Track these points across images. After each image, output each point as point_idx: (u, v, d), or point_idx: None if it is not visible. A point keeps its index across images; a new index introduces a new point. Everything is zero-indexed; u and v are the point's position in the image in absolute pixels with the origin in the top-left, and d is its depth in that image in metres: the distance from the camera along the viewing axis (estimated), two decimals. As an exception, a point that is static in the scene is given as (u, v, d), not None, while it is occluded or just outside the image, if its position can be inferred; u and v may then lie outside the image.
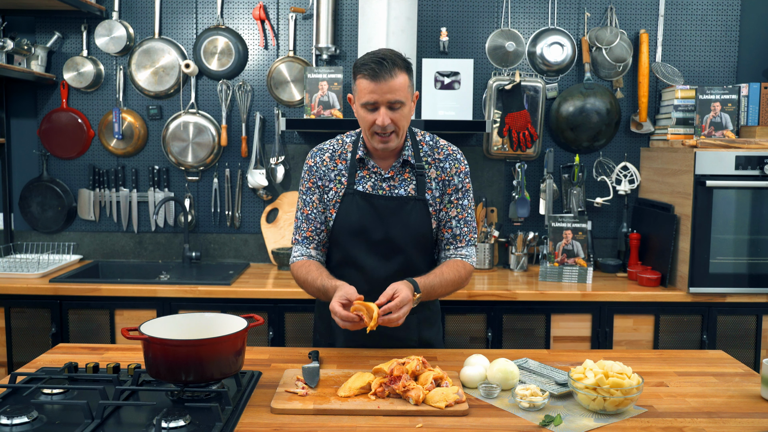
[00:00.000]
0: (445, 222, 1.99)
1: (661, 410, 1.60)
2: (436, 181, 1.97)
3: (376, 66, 1.78)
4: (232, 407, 1.54)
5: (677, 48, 3.39)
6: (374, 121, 1.83)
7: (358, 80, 1.84)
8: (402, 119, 1.85)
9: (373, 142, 1.89)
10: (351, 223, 1.94)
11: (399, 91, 1.81)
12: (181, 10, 3.36)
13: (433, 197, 1.97)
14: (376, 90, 1.80)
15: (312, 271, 1.93)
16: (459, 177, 1.99)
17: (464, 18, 3.37)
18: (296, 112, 3.38)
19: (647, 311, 2.90)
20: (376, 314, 1.69)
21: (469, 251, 2.01)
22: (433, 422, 1.51)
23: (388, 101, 1.81)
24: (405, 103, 1.84)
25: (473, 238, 2.02)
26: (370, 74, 1.79)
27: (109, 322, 2.89)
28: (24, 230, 3.46)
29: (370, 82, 1.79)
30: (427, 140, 2.00)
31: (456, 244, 2.00)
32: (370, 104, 1.82)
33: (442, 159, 1.98)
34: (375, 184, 1.95)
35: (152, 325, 1.65)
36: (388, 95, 1.80)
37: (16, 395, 1.61)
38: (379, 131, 1.85)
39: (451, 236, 2.00)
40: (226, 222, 3.45)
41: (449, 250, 2.01)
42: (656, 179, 3.21)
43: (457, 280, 1.95)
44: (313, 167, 2.00)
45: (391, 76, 1.79)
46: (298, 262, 2.00)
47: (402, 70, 1.82)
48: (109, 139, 3.38)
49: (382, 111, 1.82)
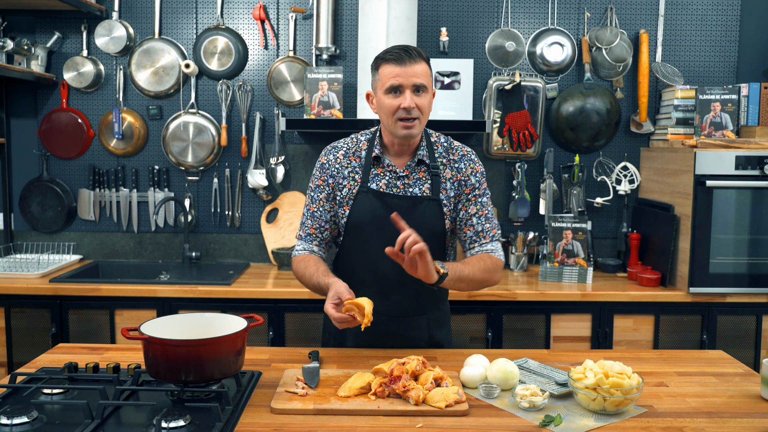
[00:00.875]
0: (465, 220, 1.98)
1: (661, 410, 1.60)
2: (450, 181, 1.97)
3: (401, 51, 1.84)
4: (232, 407, 1.54)
5: (677, 48, 3.40)
6: (399, 105, 1.84)
7: (381, 68, 1.87)
8: (425, 105, 1.87)
9: (396, 130, 1.88)
10: (364, 220, 1.94)
11: (423, 75, 1.85)
12: (181, 10, 3.36)
13: (448, 197, 1.97)
14: (401, 73, 1.83)
15: (310, 266, 1.94)
16: (476, 177, 1.99)
17: (464, 18, 3.37)
18: (296, 112, 3.38)
19: (647, 311, 2.90)
20: (368, 310, 1.69)
21: (494, 246, 1.99)
22: (433, 422, 1.51)
23: (413, 84, 1.84)
24: (428, 89, 1.87)
25: (497, 234, 2.00)
26: (395, 59, 1.84)
27: (109, 322, 2.89)
28: (24, 230, 3.46)
29: (396, 65, 1.84)
30: (441, 141, 2.01)
31: (480, 241, 1.99)
32: (394, 87, 1.84)
33: (457, 160, 1.99)
34: (389, 182, 1.95)
35: (152, 325, 1.65)
36: (413, 78, 1.83)
37: (16, 395, 1.61)
38: (403, 116, 1.85)
39: (474, 234, 1.98)
40: (226, 222, 3.45)
41: (474, 248, 1.99)
42: (656, 179, 3.21)
43: (485, 270, 1.92)
44: (325, 164, 2.01)
45: (416, 61, 1.84)
46: (299, 256, 2.02)
47: (424, 60, 1.88)
48: (109, 139, 3.38)
49: (407, 94, 1.84)
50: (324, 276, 1.87)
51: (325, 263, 1.96)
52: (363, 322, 1.69)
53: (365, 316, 1.68)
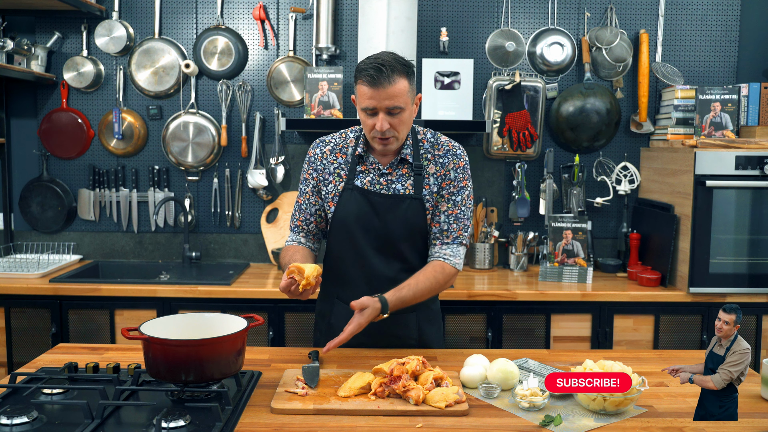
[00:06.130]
0: (434, 216, 1.98)
1: (661, 410, 1.60)
2: (434, 176, 1.98)
3: (375, 72, 1.80)
4: (232, 407, 1.54)
5: (677, 48, 3.39)
6: (374, 125, 1.86)
7: (358, 85, 1.87)
8: (401, 125, 1.87)
9: (373, 144, 1.94)
10: (349, 217, 1.97)
11: (398, 97, 1.82)
12: (181, 10, 3.36)
13: (431, 193, 1.97)
14: (374, 96, 1.82)
15: (286, 256, 2.01)
16: (456, 171, 1.98)
17: (464, 18, 3.37)
18: (296, 112, 3.38)
19: (647, 311, 2.90)
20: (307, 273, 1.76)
21: (453, 250, 1.97)
22: (433, 422, 1.51)
23: (386, 107, 1.83)
24: (404, 108, 1.86)
25: (462, 236, 1.99)
26: (368, 81, 1.81)
27: (109, 322, 2.89)
28: (24, 230, 3.46)
29: (369, 88, 1.82)
30: (428, 137, 2.02)
31: (442, 240, 1.98)
32: (369, 109, 1.85)
33: (442, 155, 1.99)
34: (373, 179, 1.97)
35: (152, 325, 1.65)
36: (386, 101, 1.82)
37: (16, 395, 1.61)
38: (378, 136, 1.88)
39: (438, 231, 1.98)
40: (226, 222, 3.45)
41: (435, 246, 1.99)
42: (656, 179, 3.21)
43: (434, 287, 1.93)
44: (312, 158, 2.05)
45: (390, 82, 1.80)
46: (285, 246, 2.08)
47: (402, 75, 1.83)
48: (109, 139, 3.38)
49: (380, 116, 1.84)
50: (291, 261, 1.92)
51: (304, 253, 2.01)
52: (302, 283, 1.76)
53: (305, 277, 1.76)
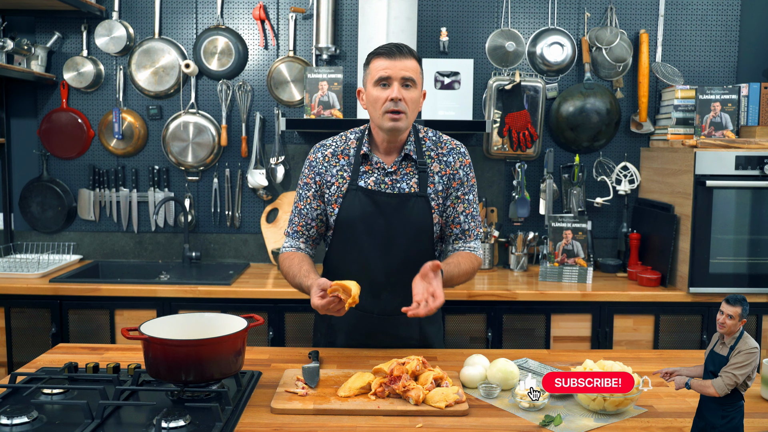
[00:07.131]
0: (453, 218, 2.03)
1: (661, 410, 1.60)
2: (439, 175, 1.99)
3: (392, 47, 1.90)
4: (232, 407, 1.54)
5: (677, 48, 3.39)
6: (387, 97, 1.87)
7: (372, 63, 1.91)
8: (412, 101, 1.90)
9: (383, 122, 1.90)
10: (353, 218, 1.96)
11: (412, 70, 1.89)
12: (181, 10, 3.36)
13: (436, 191, 1.98)
14: (390, 66, 1.87)
15: (293, 265, 1.97)
16: (464, 170, 2.02)
17: (464, 18, 3.37)
18: (296, 112, 3.38)
19: (647, 311, 2.90)
20: (354, 291, 1.69)
21: (476, 244, 2.06)
22: (433, 422, 1.51)
23: (402, 77, 1.87)
24: (416, 84, 1.90)
25: (480, 232, 2.08)
26: (386, 53, 1.89)
27: (109, 322, 2.89)
28: (24, 230, 3.46)
29: (386, 59, 1.88)
30: (430, 136, 2.03)
31: (465, 239, 2.05)
32: (383, 79, 1.87)
33: (446, 153, 2.00)
34: (378, 179, 1.97)
35: (152, 325, 1.65)
36: (402, 71, 1.87)
37: (16, 395, 1.61)
38: (391, 108, 1.87)
39: (460, 231, 2.04)
40: (226, 222, 3.45)
41: (458, 244, 2.05)
42: (656, 179, 3.21)
43: (470, 271, 2.01)
44: (313, 162, 2.03)
45: (406, 57, 1.89)
46: (285, 253, 2.06)
47: (414, 58, 1.92)
48: (109, 139, 3.38)
49: (395, 86, 1.87)
50: (305, 278, 1.90)
51: (309, 261, 1.99)
52: (348, 301, 1.69)
53: (351, 296, 1.69)
